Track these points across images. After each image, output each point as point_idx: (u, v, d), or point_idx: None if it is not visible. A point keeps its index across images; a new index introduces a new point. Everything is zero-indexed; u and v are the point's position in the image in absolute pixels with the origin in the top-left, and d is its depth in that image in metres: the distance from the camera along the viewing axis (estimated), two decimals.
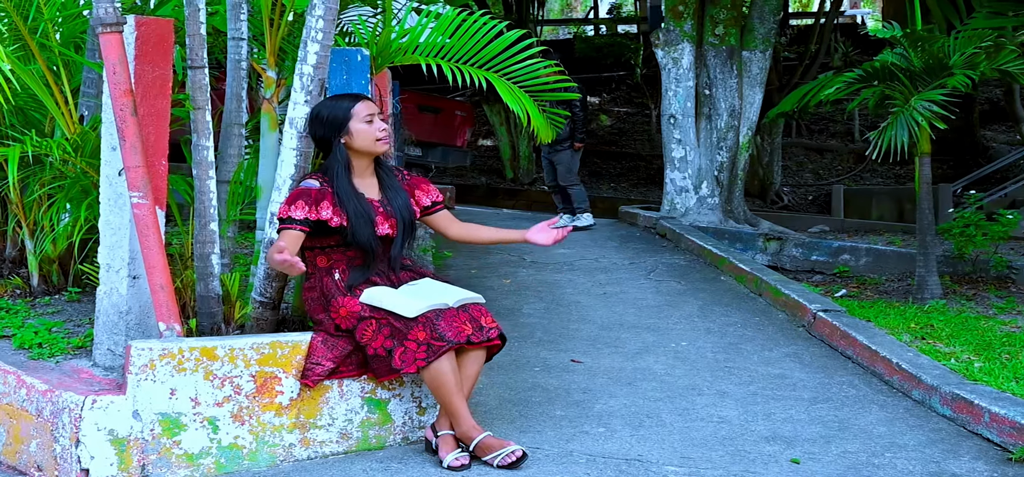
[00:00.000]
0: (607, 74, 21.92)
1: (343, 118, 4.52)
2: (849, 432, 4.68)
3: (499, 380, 5.35)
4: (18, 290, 5.75)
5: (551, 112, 5.47)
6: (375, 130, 4.50)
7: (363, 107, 4.52)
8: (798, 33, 21.23)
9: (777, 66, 17.19)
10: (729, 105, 10.61)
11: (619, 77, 21.98)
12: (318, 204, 4.41)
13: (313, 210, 4.40)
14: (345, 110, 4.52)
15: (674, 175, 10.72)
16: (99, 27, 4.19)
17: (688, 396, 5.15)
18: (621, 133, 20.55)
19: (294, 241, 4.40)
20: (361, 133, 4.51)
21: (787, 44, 19.96)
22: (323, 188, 4.46)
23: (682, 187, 10.65)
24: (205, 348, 4.19)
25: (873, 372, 5.61)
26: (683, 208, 10.58)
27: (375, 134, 4.50)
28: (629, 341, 6.18)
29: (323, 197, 4.43)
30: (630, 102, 21.42)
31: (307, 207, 4.39)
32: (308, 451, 4.34)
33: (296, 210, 4.39)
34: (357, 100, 4.56)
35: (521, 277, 8.07)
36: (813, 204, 17.59)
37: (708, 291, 7.57)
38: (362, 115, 4.51)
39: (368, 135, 4.50)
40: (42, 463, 4.22)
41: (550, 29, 26.92)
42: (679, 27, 10.58)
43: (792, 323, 6.68)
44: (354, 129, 4.52)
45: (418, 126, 14.04)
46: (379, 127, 4.51)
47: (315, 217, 4.39)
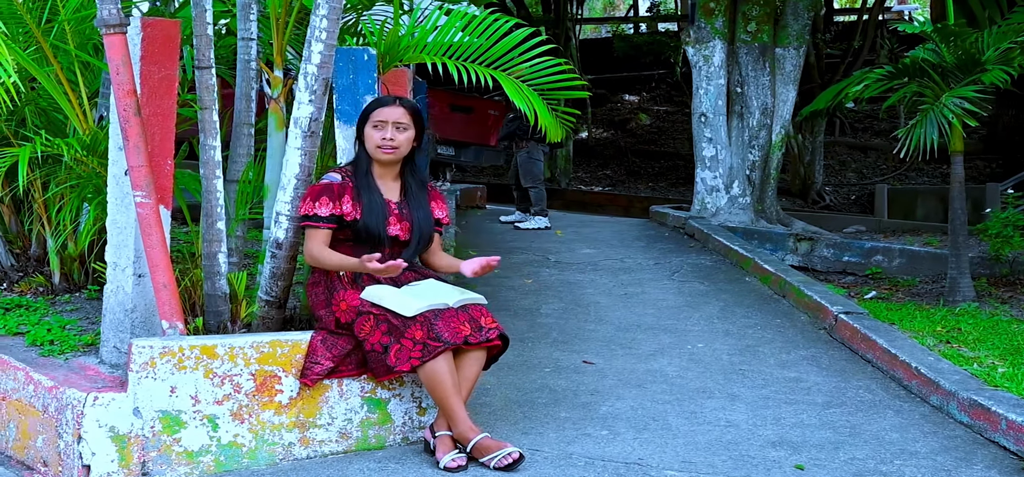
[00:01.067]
0: (646, 73, 21.79)
1: (363, 119, 4.56)
2: (859, 438, 4.59)
3: (507, 380, 5.32)
4: (41, 288, 5.82)
5: (561, 110, 5.42)
6: (378, 137, 4.49)
7: (380, 112, 4.53)
8: (843, 29, 20.96)
9: (820, 63, 17.01)
10: (761, 103, 10.48)
11: (659, 76, 21.84)
12: (340, 197, 4.43)
13: (336, 205, 4.42)
14: (368, 111, 4.55)
15: (705, 174, 10.62)
16: (103, 28, 4.22)
17: (697, 399, 5.09)
18: (660, 132, 20.44)
19: (322, 240, 4.42)
20: (368, 136, 4.53)
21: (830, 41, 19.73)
22: (345, 182, 4.49)
23: (713, 186, 10.55)
24: (205, 346, 4.20)
25: (892, 376, 5.50)
26: (714, 208, 10.48)
27: (376, 141, 4.49)
28: (644, 342, 6.12)
29: (345, 191, 4.46)
30: (670, 100, 21.29)
31: (331, 203, 4.42)
32: (307, 450, 4.34)
33: (321, 206, 4.41)
34: (383, 104, 4.58)
35: (543, 277, 8.03)
36: (856, 204, 17.36)
37: (731, 292, 7.49)
38: (375, 119, 4.52)
39: (371, 139, 4.51)
40: (48, 458, 4.26)
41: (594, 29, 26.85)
42: (710, 24, 10.49)
43: (814, 326, 6.58)
44: (366, 131, 4.54)
45: (450, 126, 14.03)
46: (383, 135, 4.48)
47: (338, 212, 4.41)
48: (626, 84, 22.45)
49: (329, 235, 4.44)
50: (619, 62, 22.13)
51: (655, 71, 21.77)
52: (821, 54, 17.18)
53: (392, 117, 4.50)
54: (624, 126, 20.99)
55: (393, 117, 4.50)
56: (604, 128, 21.02)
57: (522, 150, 10.81)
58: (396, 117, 4.51)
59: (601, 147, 20.13)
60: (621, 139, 20.50)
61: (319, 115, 4.64)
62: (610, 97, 22.19)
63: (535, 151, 10.93)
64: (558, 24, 18.84)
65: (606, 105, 21.80)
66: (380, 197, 4.50)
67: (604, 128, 21.02)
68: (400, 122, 4.52)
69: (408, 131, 4.55)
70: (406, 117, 4.54)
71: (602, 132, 20.83)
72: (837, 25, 20.90)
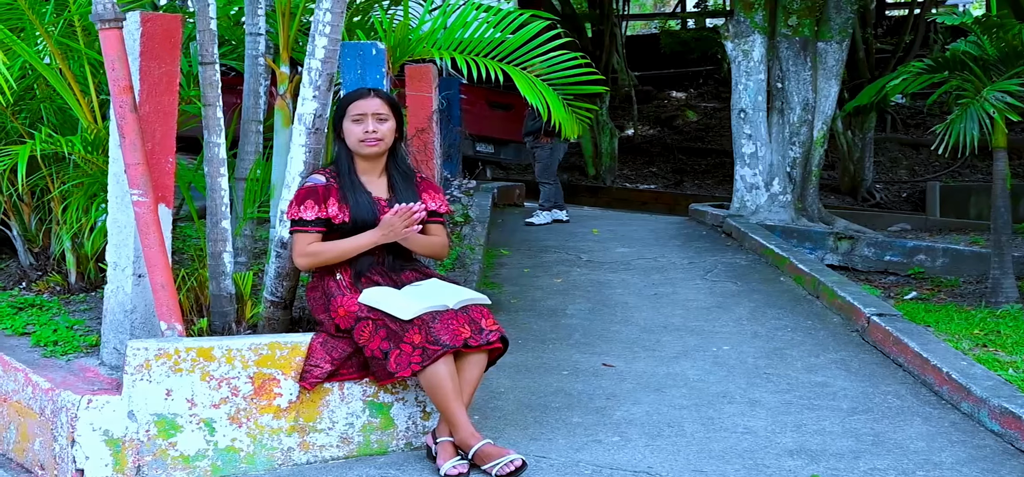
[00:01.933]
0: (694, 69, 21.51)
1: (339, 113, 4.43)
2: (883, 447, 4.39)
3: (522, 384, 5.18)
4: (58, 287, 5.79)
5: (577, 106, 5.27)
6: (359, 131, 4.35)
7: (357, 105, 4.38)
8: (894, 23, 20.52)
9: (869, 58, 16.64)
10: (802, 99, 10.22)
11: (706, 72, 21.55)
12: (326, 201, 4.31)
13: (322, 208, 4.30)
14: (343, 105, 4.42)
15: (744, 172, 10.38)
16: (98, 22, 4.14)
17: (717, 404, 4.91)
18: (707, 129, 20.15)
19: (310, 241, 4.31)
20: (348, 132, 4.39)
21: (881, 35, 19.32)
22: (329, 183, 4.36)
23: (752, 184, 10.30)
24: (202, 348, 4.11)
25: (923, 382, 5.28)
26: (753, 206, 10.24)
27: (358, 135, 4.35)
28: (668, 344, 5.94)
29: (329, 193, 4.33)
30: (717, 97, 20.98)
31: (317, 206, 4.30)
32: (307, 455, 4.24)
33: (306, 210, 4.30)
34: (358, 97, 4.43)
35: (573, 276, 7.87)
36: (907, 202, 16.97)
37: (763, 293, 7.27)
38: (353, 113, 4.38)
39: (352, 134, 4.37)
40: (44, 462, 4.20)
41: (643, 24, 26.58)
42: (749, 18, 10.24)
43: (846, 328, 6.35)
44: (344, 126, 4.41)
45: (489, 123, 13.91)
46: (365, 128, 4.34)
47: (324, 215, 4.30)
48: (673, 81, 22.18)
49: (318, 238, 4.31)
50: (666, 58, 21.88)
51: (702, 67, 21.49)
52: (871, 49, 16.81)
53: (371, 109, 4.36)
54: (671, 123, 20.74)
55: (371, 109, 4.37)
56: (650, 125, 20.78)
57: (545, 146, 10.63)
58: (374, 108, 4.37)
59: (647, 144, 19.89)
60: (668, 136, 20.26)
61: (324, 111, 4.54)
62: (657, 94, 21.95)
63: (558, 148, 10.76)
64: (603, 20, 18.64)
65: (653, 102, 21.56)
66: (367, 195, 4.36)
67: (650, 125, 20.78)
68: (379, 113, 4.37)
69: (388, 121, 4.41)
70: (384, 108, 4.40)
71: (648, 129, 20.60)
72: (889, 19, 20.44)
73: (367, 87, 4.66)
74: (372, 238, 4.31)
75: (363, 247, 4.32)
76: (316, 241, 4.33)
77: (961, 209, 15.35)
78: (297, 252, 4.35)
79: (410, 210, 4.28)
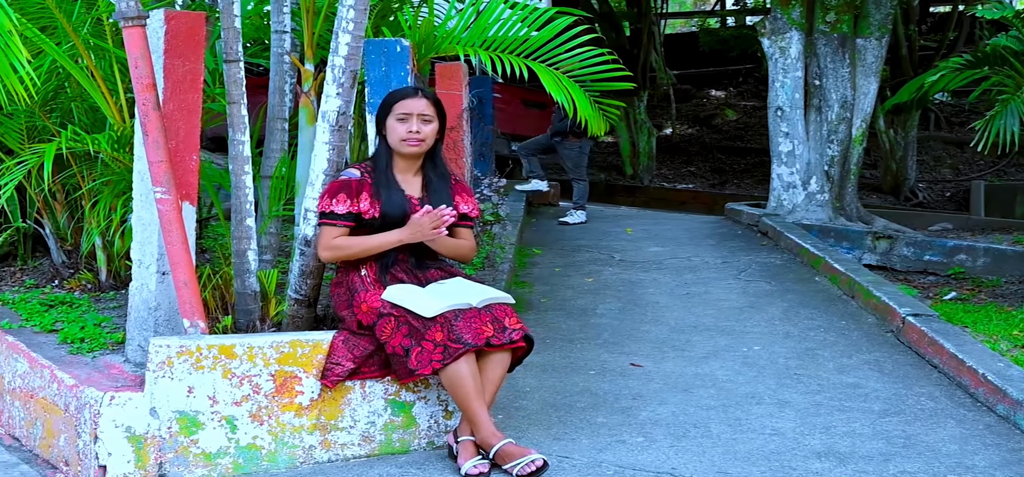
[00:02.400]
0: (733, 67, 21.34)
1: (385, 111, 4.40)
2: (914, 450, 4.29)
3: (548, 383, 5.13)
4: (89, 284, 5.83)
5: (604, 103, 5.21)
6: (403, 130, 4.33)
7: (404, 104, 4.36)
8: (938, 20, 20.23)
9: (912, 55, 16.42)
10: (841, 96, 10.08)
11: (746, 70, 21.37)
12: (358, 195, 4.30)
13: (354, 202, 4.28)
14: (389, 103, 4.39)
15: (781, 170, 10.26)
16: (121, 21, 4.15)
17: (745, 405, 4.83)
18: (747, 128, 19.98)
19: (337, 234, 4.29)
20: (391, 129, 4.37)
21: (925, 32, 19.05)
22: (363, 178, 4.35)
23: (789, 183, 10.18)
24: (223, 346, 4.10)
25: (958, 383, 5.17)
26: (790, 205, 10.11)
27: (401, 133, 4.33)
28: (698, 344, 5.87)
29: (363, 187, 4.32)
30: (757, 96, 20.80)
31: (349, 200, 4.29)
32: (329, 454, 4.21)
33: (338, 204, 4.28)
34: (405, 95, 4.40)
35: (605, 276, 7.81)
36: (951, 201, 16.73)
37: (798, 293, 7.17)
38: (398, 111, 4.36)
39: (395, 132, 4.34)
40: (69, 458, 4.21)
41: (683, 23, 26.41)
42: (786, 15, 10.12)
43: (880, 328, 6.24)
44: (388, 123, 4.39)
45: (524, 122, 13.85)
46: (409, 128, 4.32)
47: (355, 210, 4.28)
48: (712, 79, 22.03)
49: (346, 233, 4.29)
50: (705, 57, 21.73)
51: (742, 65, 21.31)
52: (914, 46, 16.59)
53: (417, 109, 4.34)
54: (710, 122, 20.59)
55: (417, 109, 4.34)
56: (689, 124, 20.65)
57: (574, 145, 10.58)
58: (420, 109, 4.34)
59: (686, 144, 19.77)
60: (706, 135, 20.12)
61: (347, 108, 4.52)
62: (696, 93, 21.80)
63: (586, 146, 10.72)
64: (641, 18, 18.52)
65: (691, 101, 21.43)
66: (400, 193, 4.34)
67: (689, 124, 20.65)
68: (425, 114, 4.35)
69: (432, 123, 4.38)
70: (430, 109, 4.38)
71: (687, 128, 20.47)
72: (933, 16, 20.16)
73: (415, 86, 4.64)
74: (398, 237, 4.28)
75: (388, 246, 4.29)
76: (343, 235, 4.31)
77: (1006, 208, 15.10)
78: (322, 244, 4.33)
79: (440, 213, 4.24)
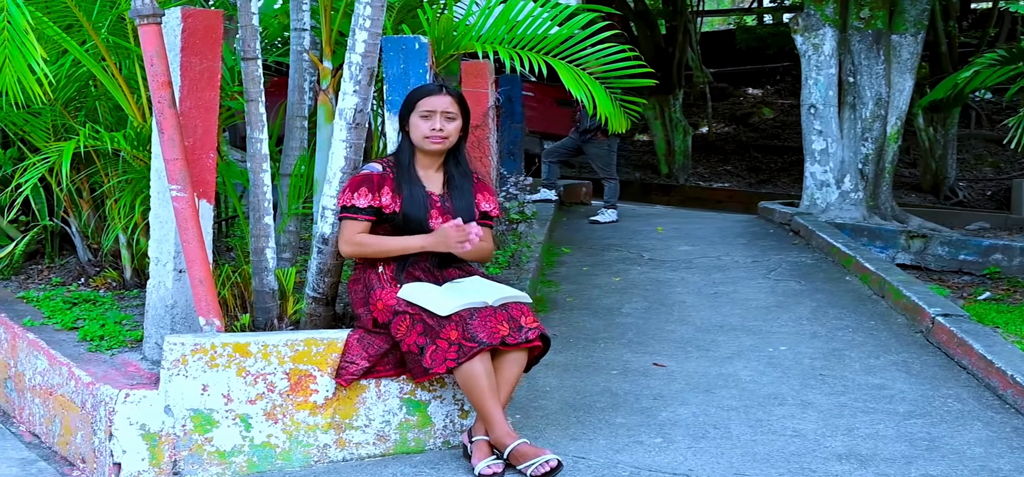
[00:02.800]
0: (770, 65, 21.15)
1: (408, 107, 4.38)
2: (937, 452, 4.20)
3: (569, 383, 5.09)
4: (114, 283, 5.85)
5: (625, 100, 5.16)
6: (426, 127, 4.30)
7: (428, 101, 4.33)
8: (980, 16, 19.94)
9: (952, 52, 16.19)
10: (875, 93, 9.94)
11: (783, 68, 21.16)
12: (380, 189, 4.28)
13: (375, 196, 4.26)
14: (413, 100, 4.37)
15: (814, 169, 10.13)
16: (137, 18, 4.15)
17: (767, 406, 4.76)
18: (784, 126, 19.78)
19: (356, 232, 4.27)
20: (414, 126, 4.34)
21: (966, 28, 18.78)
22: (385, 173, 4.32)
23: (822, 181, 10.05)
24: (238, 344, 4.10)
25: (987, 385, 5.06)
26: (823, 203, 9.99)
27: (424, 131, 4.30)
28: (723, 344, 5.80)
29: (384, 182, 4.30)
30: (794, 94, 20.54)
31: (370, 194, 4.26)
32: (343, 452, 4.20)
33: (359, 197, 4.26)
34: (429, 92, 4.38)
35: (632, 275, 7.75)
36: (991, 200, 16.47)
37: (827, 292, 7.07)
38: (422, 109, 4.33)
39: (418, 130, 4.32)
40: (85, 455, 4.23)
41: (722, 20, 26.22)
42: (820, 11, 9.99)
43: (910, 328, 6.13)
44: (411, 121, 4.36)
45: (556, 121, 13.80)
46: (432, 125, 4.30)
47: (376, 204, 4.26)
48: (749, 77, 21.85)
49: (368, 227, 4.28)
50: (742, 54, 21.56)
51: (779, 63, 21.12)
52: (954, 42, 16.34)
53: (440, 106, 4.31)
54: (746, 120, 20.42)
55: (441, 106, 4.31)
56: (726, 123, 20.49)
57: (603, 143, 10.51)
58: (444, 106, 4.32)
59: (722, 142, 19.62)
60: (743, 134, 19.95)
61: (365, 106, 4.50)
62: (732, 91, 21.63)
63: (614, 143, 10.65)
64: (677, 16, 18.39)
65: (728, 99, 21.26)
66: (422, 189, 4.31)
67: (726, 123, 20.49)
68: (448, 111, 4.32)
69: (456, 120, 4.35)
70: (454, 106, 4.34)
71: (723, 127, 20.31)
72: (974, 12, 19.86)
73: (438, 83, 4.61)
74: (422, 243, 4.24)
75: (411, 250, 4.26)
76: (365, 230, 4.28)
77: None
78: (343, 238, 4.31)
79: (469, 231, 4.19)
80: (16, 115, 5.72)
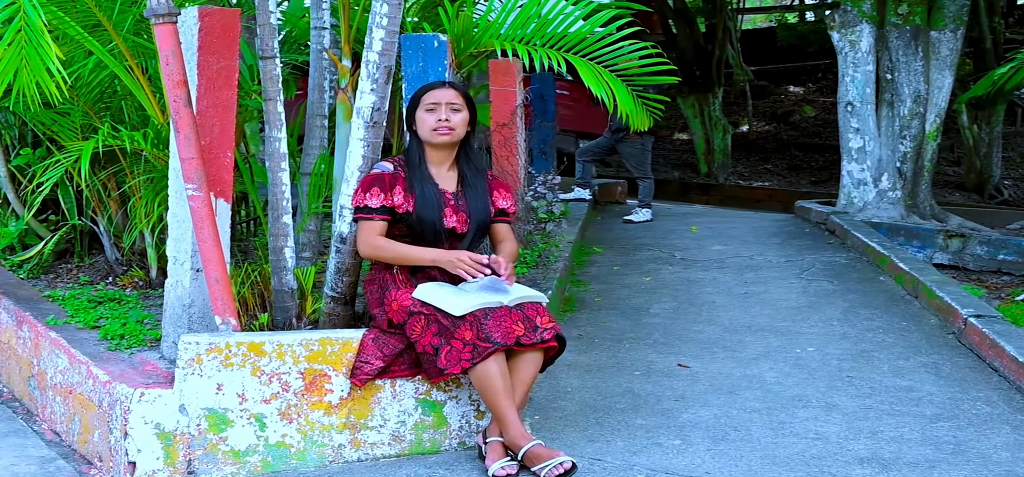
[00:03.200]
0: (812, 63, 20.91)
1: (414, 103, 4.36)
2: (962, 457, 4.10)
3: (590, 383, 5.04)
4: (140, 281, 5.88)
5: (648, 98, 5.09)
6: (432, 119, 4.28)
7: (432, 95, 4.32)
8: None
9: (997, 49, 15.91)
10: (913, 90, 9.77)
11: (825, 66, 20.92)
12: (392, 188, 4.25)
13: (388, 196, 4.24)
14: (417, 96, 4.35)
15: (851, 167, 9.99)
16: (152, 18, 4.16)
17: (790, 408, 4.68)
18: (825, 124, 19.55)
19: (377, 232, 4.25)
20: (421, 121, 4.32)
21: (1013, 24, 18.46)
22: (397, 172, 4.30)
23: (860, 180, 9.91)
24: (252, 343, 4.09)
25: (1018, 388, 4.94)
26: (861, 202, 9.84)
27: (431, 124, 4.28)
28: (750, 345, 5.71)
29: (396, 181, 4.27)
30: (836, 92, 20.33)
31: (383, 194, 4.24)
32: (358, 453, 4.18)
33: (372, 197, 4.24)
34: (431, 87, 4.38)
35: (663, 275, 7.68)
36: None
37: (860, 293, 6.95)
38: (426, 102, 4.31)
39: (425, 124, 4.30)
40: (102, 454, 4.24)
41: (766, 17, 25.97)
42: (857, 7, 9.85)
43: (942, 329, 6.01)
44: (417, 116, 4.34)
45: (594, 120, 13.70)
46: (438, 117, 4.27)
47: (389, 203, 4.23)
48: (790, 75, 21.62)
49: (384, 227, 4.26)
50: (783, 52, 21.36)
51: (821, 60, 20.88)
52: (999, 39, 16.06)
53: (445, 98, 4.29)
54: (787, 118, 20.21)
55: (446, 98, 4.29)
56: (766, 121, 20.29)
57: (636, 141, 10.43)
58: (448, 98, 4.29)
59: (762, 141, 19.43)
60: (784, 132, 19.75)
61: (382, 105, 4.47)
62: (773, 89, 21.42)
63: (648, 142, 10.57)
64: (716, 14, 18.25)
65: (769, 97, 21.06)
66: (434, 187, 4.28)
67: (766, 121, 20.29)
68: (453, 103, 4.29)
69: (462, 113, 4.32)
70: (458, 98, 4.32)
71: (764, 125, 20.12)
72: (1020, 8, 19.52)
73: (442, 78, 4.59)
74: (437, 257, 4.18)
75: (424, 261, 4.20)
76: (382, 230, 4.26)
77: None
78: (361, 240, 4.29)
79: (483, 267, 4.12)
80: (44, 115, 5.78)
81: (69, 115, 5.83)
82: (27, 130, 6.44)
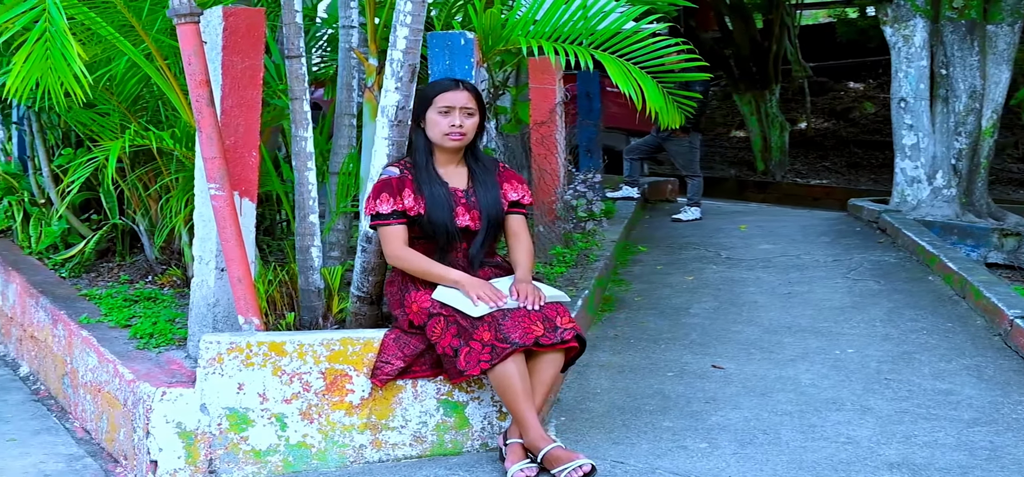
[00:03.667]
0: (872, 59, 20.52)
1: (424, 103, 4.30)
2: (997, 463, 3.97)
3: (621, 384, 4.97)
4: (178, 280, 5.92)
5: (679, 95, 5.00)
6: (446, 124, 4.22)
7: (446, 97, 4.25)
8: None
9: None
10: (969, 86, 9.53)
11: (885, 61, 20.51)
12: (400, 192, 4.21)
13: (397, 200, 4.20)
14: (429, 96, 4.29)
15: (904, 164, 9.78)
16: (175, 18, 4.17)
17: (823, 411, 4.57)
18: (886, 121, 19.08)
19: (400, 239, 4.21)
20: (432, 123, 4.26)
21: None
22: (404, 175, 4.25)
23: (913, 177, 9.69)
24: (273, 343, 4.09)
25: None
26: (914, 200, 9.62)
27: (444, 128, 4.22)
28: (788, 346, 5.60)
29: (404, 184, 4.23)
30: None
31: (392, 199, 4.20)
32: (379, 453, 4.15)
33: (381, 204, 4.20)
34: (446, 88, 4.29)
35: (707, 274, 7.56)
36: None
37: (906, 293, 6.79)
38: (440, 104, 4.25)
39: (437, 127, 4.23)
40: (127, 452, 4.28)
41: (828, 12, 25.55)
42: (910, 1, 9.63)
43: (988, 331, 5.84)
44: (429, 117, 4.28)
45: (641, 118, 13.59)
46: (451, 122, 4.21)
47: (400, 207, 4.19)
48: (850, 71, 21.24)
49: (404, 232, 4.21)
50: (842, 48, 20.99)
51: (881, 56, 20.47)
52: None
53: (459, 102, 4.22)
54: (846, 115, 19.86)
55: (460, 102, 4.23)
56: (825, 118, 19.96)
57: (684, 140, 10.29)
58: (463, 101, 4.23)
59: (821, 138, 19.11)
60: (843, 129, 19.41)
61: (407, 103, 4.44)
62: (832, 85, 21.07)
63: (696, 140, 10.42)
64: (773, 9, 17.98)
65: (828, 94, 20.72)
66: (443, 187, 4.23)
67: (825, 118, 19.96)
68: (467, 107, 4.24)
69: (474, 116, 4.27)
70: (472, 101, 4.26)
71: (822, 122, 19.79)
72: None
73: (454, 78, 4.53)
74: (458, 279, 4.08)
75: (445, 281, 4.11)
76: (403, 236, 4.21)
77: None
78: (387, 249, 4.24)
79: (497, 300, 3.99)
80: (83, 115, 5.84)
81: (109, 115, 5.89)
82: (70, 131, 6.53)
